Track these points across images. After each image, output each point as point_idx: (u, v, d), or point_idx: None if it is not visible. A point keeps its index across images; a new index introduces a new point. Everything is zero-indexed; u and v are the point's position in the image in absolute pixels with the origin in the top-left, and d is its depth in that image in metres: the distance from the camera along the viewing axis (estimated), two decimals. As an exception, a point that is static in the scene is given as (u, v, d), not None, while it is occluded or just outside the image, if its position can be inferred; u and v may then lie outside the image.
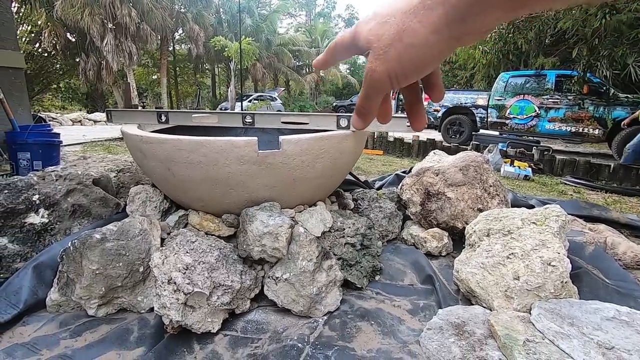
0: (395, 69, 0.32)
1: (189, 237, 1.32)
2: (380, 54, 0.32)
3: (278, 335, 1.22)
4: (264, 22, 21.69)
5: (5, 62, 3.41)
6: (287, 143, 1.34)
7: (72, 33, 15.11)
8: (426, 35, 0.30)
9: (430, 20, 0.29)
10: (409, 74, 0.33)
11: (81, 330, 1.21)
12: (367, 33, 0.33)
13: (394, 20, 0.31)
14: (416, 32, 0.30)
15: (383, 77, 0.33)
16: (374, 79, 0.34)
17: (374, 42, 0.33)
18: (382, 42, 0.32)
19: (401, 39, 0.31)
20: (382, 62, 0.32)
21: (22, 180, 1.49)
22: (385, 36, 0.32)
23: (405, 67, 0.32)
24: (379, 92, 0.35)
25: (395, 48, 0.31)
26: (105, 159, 3.22)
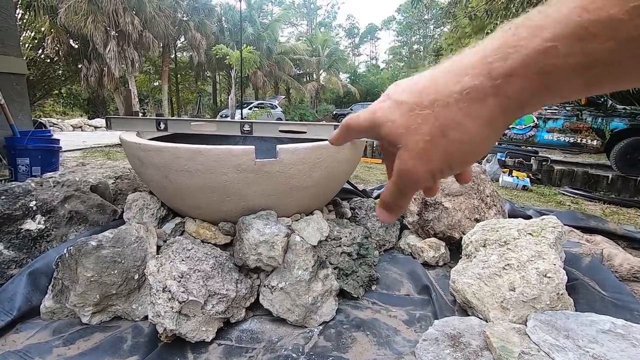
0: (441, 166, 0.28)
1: (185, 245, 1.32)
2: (419, 150, 0.28)
3: (273, 345, 1.22)
4: (266, 31, 21.91)
5: (7, 68, 3.44)
6: (284, 152, 1.35)
7: (75, 40, 15.26)
8: (478, 130, 0.26)
9: (481, 114, 0.26)
10: (457, 169, 0.29)
11: (74, 338, 1.21)
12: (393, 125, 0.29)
13: (431, 112, 0.27)
14: (465, 127, 0.26)
15: (424, 177, 0.29)
16: (413, 179, 0.29)
17: (404, 137, 0.28)
18: (418, 138, 0.27)
19: (445, 134, 0.27)
20: (423, 163, 0.28)
21: (20, 186, 1.49)
22: (422, 131, 0.27)
23: (453, 163, 0.28)
24: (418, 188, 0.31)
25: (439, 146, 0.27)
26: (104, 165, 3.23)
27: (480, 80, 0.25)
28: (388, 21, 43.75)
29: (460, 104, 0.26)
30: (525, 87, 0.24)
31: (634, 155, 5.94)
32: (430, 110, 0.27)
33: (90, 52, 15.02)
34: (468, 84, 0.26)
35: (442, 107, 0.27)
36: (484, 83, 0.25)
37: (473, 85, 0.25)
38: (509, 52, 0.24)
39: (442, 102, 0.27)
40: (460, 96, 0.26)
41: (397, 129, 0.29)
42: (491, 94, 0.25)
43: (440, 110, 0.27)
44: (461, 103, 0.26)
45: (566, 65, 0.22)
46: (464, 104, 0.26)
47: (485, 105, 0.25)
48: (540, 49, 0.23)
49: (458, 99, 0.26)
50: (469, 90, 0.26)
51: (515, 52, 0.24)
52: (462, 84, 0.26)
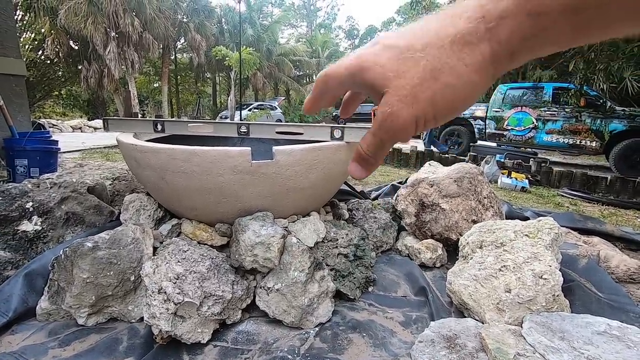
0: (426, 111, 0.27)
1: (181, 246, 1.32)
2: (406, 93, 0.26)
3: (268, 346, 1.21)
4: (265, 33, 21.94)
5: (6, 70, 3.45)
6: (281, 153, 1.35)
7: (75, 41, 15.27)
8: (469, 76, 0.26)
9: (474, 60, 0.25)
10: (443, 116, 0.28)
11: (70, 339, 1.20)
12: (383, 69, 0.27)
13: (422, 55, 0.26)
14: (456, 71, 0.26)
15: (409, 122, 0.27)
16: (396, 124, 0.28)
17: (394, 80, 0.27)
18: (407, 81, 0.26)
19: (436, 77, 0.26)
20: (407, 105, 0.27)
21: (16, 188, 1.49)
22: (411, 74, 0.26)
23: (439, 109, 0.27)
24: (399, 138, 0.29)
25: (428, 89, 0.26)
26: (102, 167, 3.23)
27: (475, 23, 0.25)
28: (388, 22, 43.80)
29: (454, 46, 0.26)
30: (516, 30, 0.24)
31: (633, 156, 5.95)
32: (422, 53, 0.26)
33: (90, 54, 15.04)
34: (463, 27, 0.25)
35: (435, 49, 0.26)
36: (479, 26, 0.25)
37: (468, 28, 0.25)
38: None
39: (436, 45, 0.26)
40: (454, 39, 0.26)
41: (385, 73, 0.27)
42: (484, 38, 0.25)
43: (433, 52, 0.26)
44: (455, 46, 0.26)
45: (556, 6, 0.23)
46: (457, 46, 0.26)
47: (478, 50, 0.25)
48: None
49: (452, 42, 0.26)
50: (464, 33, 0.25)
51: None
52: (457, 28, 0.26)
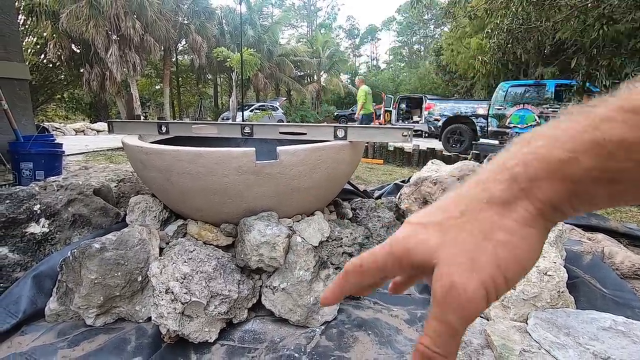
0: (493, 276, 0.24)
1: (187, 246, 1.33)
2: (464, 260, 0.24)
3: (275, 345, 1.22)
4: (266, 33, 21.96)
5: (10, 74, 3.48)
6: (285, 154, 1.36)
7: (76, 44, 15.34)
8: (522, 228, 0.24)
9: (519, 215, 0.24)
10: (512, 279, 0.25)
11: (79, 339, 1.22)
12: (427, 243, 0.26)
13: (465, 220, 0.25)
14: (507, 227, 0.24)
15: (477, 291, 0.24)
16: (463, 297, 0.24)
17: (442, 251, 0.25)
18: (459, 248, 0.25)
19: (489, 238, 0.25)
20: (468, 272, 0.24)
21: (24, 190, 1.51)
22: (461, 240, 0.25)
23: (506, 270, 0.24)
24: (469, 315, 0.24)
25: (484, 251, 0.24)
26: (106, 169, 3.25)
27: (507, 185, 0.25)
28: (388, 22, 43.78)
29: (493, 207, 0.25)
30: (552, 193, 0.24)
31: (636, 153, 5.92)
32: (464, 219, 0.25)
33: (92, 57, 15.09)
34: (496, 189, 0.25)
35: (476, 213, 0.25)
36: (511, 186, 0.25)
37: (502, 190, 0.25)
38: (529, 157, 0.24)
39: (475, 209, 0.25)
40: (492, 201, 0.25)
41: (430, 247, 0.26)
42: (523, 197, 0.24)
43: (475, 216, 0.25)
44: (494, 207, 0.25)
45: (591, 177, 0.22)
46: (497, 207, 0.25)
47: (520, 207, 0.24)
48: (563, 157, 0.23)
49: (491, 204, 0.25)
50: (500, 195, 0.25)
51: (536, 158, 0.24)
52: (490, 191, 0.25)
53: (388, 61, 44.19)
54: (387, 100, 12.27)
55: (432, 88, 22.39)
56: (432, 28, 34.32)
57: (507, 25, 7.21)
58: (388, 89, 26.19)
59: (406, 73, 32.61)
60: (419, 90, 23.35)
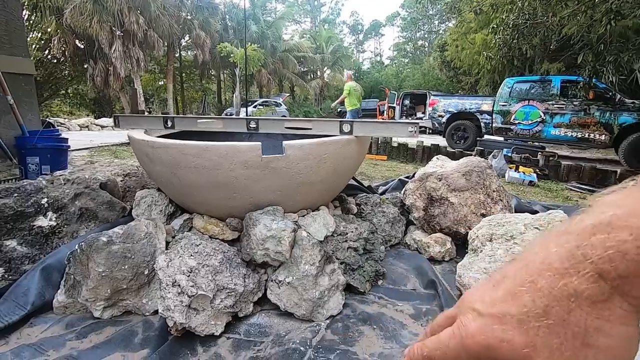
0: None
1: (194, 240, 1.33)
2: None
3: (280, 338, 1.23)
4: (269, 29, 21.90)
5: (15, 69, 3.49)
6: (291, 148, 1.36)
7: (80, 40, 15.37)
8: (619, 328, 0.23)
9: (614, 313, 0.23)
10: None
11: (87, 331, 1.23)
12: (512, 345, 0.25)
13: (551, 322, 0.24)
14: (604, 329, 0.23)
15: None
16: None
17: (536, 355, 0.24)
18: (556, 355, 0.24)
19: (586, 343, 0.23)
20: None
21: (31, 184, 1.52)
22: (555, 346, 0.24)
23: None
24: None
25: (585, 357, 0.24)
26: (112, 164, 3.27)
27: (593, 281, 0.23)
28: (392, 17, 43.49)
29: (583, 307, 0.23)
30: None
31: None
32: (551, 320, 0.24)
33: (96, 52, 15.13)
34: (581, 286, 0.23)
35: (565, 313, 0.24)
36: (600, 284, 0.23)
37: (589, 287, 0.23)
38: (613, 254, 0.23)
39: (562, 307, 0.24)
40: (580, 300, 0.23)
41: (518, 350, 0.24)
42: (613, 294, 0.23)
43: (564, 316, 0.24)
44: (585, 307, 0.23)
45: None
46: (587, 307, 0.23)
47: (614, 305, 0.23)
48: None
49: (580, 303, 0.23)
50: (588, 293, 0.23)
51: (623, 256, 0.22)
52: (573, 286, 0.24)
53: (392, 57, 43.95)
54: (390, 96, 12.22)
55: (436, 84, 22.27)
56: (436, 24, 34.05)
57: (513, 21, 7.14)
58: (392, 85, 26.05)
59: (410, 69, 32.41)
60: (423, 86, 23.23)
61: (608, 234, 0.23)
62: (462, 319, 0.28)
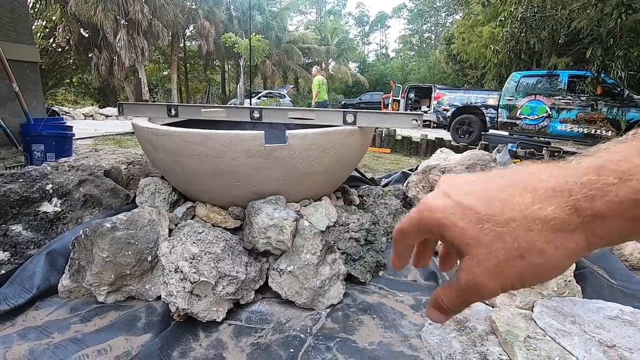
0: (513, 283, 0.27)
1: (196, 228, 1.35)
2: (491, 267, 0.26)
3: (281, 326, 1.25)
4: (274, 19, 21.72)
5: (20, 56, 3.49)
6: (294, 137, 1.36)
7: (85, 29, 15.34)
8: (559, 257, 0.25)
9: (566, 245, 0.25)
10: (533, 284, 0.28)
11: (91, 315, 1.25)
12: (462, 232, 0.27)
13: (507, 231, 0.26)
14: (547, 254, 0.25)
15: (495, 291, 0.27)
16: (482, 292, 0.28)
17: (475, 248, 0.27)
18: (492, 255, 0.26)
19: (523, 257, 0.26)
20: (493, 278, 0.27)
21: (37, 170, 1.53)
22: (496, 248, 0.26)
23: (526, 282, 0.27)
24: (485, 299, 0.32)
25: (514, 265, 0.26)
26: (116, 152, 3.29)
27: (567, 213, 0.25)
28: (399, 9, 42.98)
29: (544, 232, 0.25)
30: (616, 230, 0.24)
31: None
32: (507, 229, 0.26)
33: (101, 41, 15.10)
34: (553, 214, 0.25)
35: (522, 230, 0.26)
36: (572, 217, 0.25)
37: (559, 217, 0.25)
38: (595, 193, 0.24)
39: (523, 226, 0.26)
40: (544, 225, 0.25)
41: (465, 238, 0.27)
42: (579, 228, 0.25)
43: (519, 232, 0.26)
44: (545, 232, 0.25)
45: None
46: (547, 232, 0.25)
47: (571, 238, 0.25)
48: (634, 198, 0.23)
49: (542, 228, 0.25)
50: (556, 222, 0.25)
51: (604, 196, 0.24)
52: (546, 212, 0.25)
53: (397, 49, 43.51)
54: (395, 89, 12.12)
55: (441, 78, 22.06)
56: (443, 16, 33.61)
57: (522, 14, 7.03)
58: (397, 78, 25.84)
59: (415, 62, 32.10)
60: (428, 79, 23.02)
61: (598, 176, 0.24)
62: (431, 194, 0.31)
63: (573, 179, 0.25)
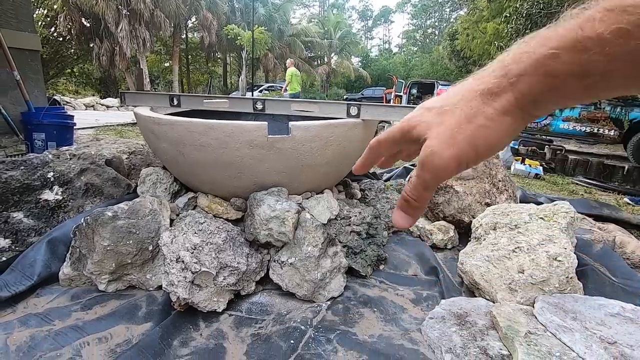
0: (466, 151, 0.30)
1: (198, 218, 1.34)
2: (446, 136, 0.30)
3: (282, 317, 1.25)
4: (277, 12, 21.55)
5: (21, 44, 3.47)
6: (297, 129, 1.35)
7: (87, 18, 15.21)
8: (499, 116, 0.29)
9: (501, 104, 0.29)
10: (482, 155, 0.31)
11: (92, 304, 1.25)
12: (427, 123, 0.32)
13: (457, 107, 0.31)
14: (487, 114, 0.30)
15: (450, 162, 0.30)
16: (438, 164, 0.30)
17: (434, 128, 0.31)
18: (446, 127, 0.30)
19: (470, 121, 0.30)
20: (448, 146, 0.30)
21: (38, 158, 1.53)
22: (449, 121, 0.30)
23: (478, 148, 0.30)
24: (442, 179, 0.31)
25: (464, 130, 0.30)
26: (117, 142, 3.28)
27: (500, 79, 0.30)
28: (403, 3, 42.60)
29: (483, 97, 0.30)
30: (534, 85, 0.28)
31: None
32: (457, 106, 0.31)
33: (102, 31, 14.99)
34: (489, 81, 0.30)
35: (467, 101, 0.31)
36: (502, 80, 0.29)
37: (493, 82, 0.30)
38: (522, 57, 0.28)
39: (468, 97, 0.31)
40: (483, 92, 0.30)
41: (428, 125, 0.32)
42: (508, 89, 0.29)
43: (466, 103, 0.31)
44: (483, 97, 0.30)
45: (567, 70, 0.26)
46: (486, 97, 0.30)
47: (504, 97, 0.29)
48: (547, 54, 0.27)
49: (482, 94, 0.30)
50: (491, 87, 0.30)
51: (527, 57, 0.28)
52: (485, 83, 0.30)
53: (400, 45, 43.21)
54: (398, 84, 12.06)
55: (444, 74, 21.94)
56: (447, 11, 33.30)
57: (527, 10, 6.98)
58: (399, 73, 25.71)
59: (419, 58, 31.89)
60: (431, 75, 22.90)
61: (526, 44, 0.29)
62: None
63: (507, 54, 0.30)
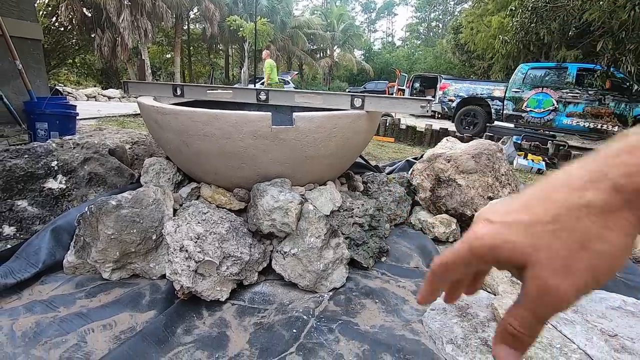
0: (586, 280, 0.26)
1: (201, 208, 1.35)
2: (559, 265, 0.26)
3: (284, 307, 1.26)
4: (280, 3, 21.36)
5: (23, 33, 3.45)
6: (301, 120, 1.35)
7: (88, 8, 15.11)
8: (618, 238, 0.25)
9: (619, 224, 0.25)
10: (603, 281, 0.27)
11: (96, 291, 1.26)
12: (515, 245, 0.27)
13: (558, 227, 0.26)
14: (605, 238, 0.25)
15: (570, 294, 0.26)
16: (556, 297, 0.27)
17: (534, 255, 0.27)
18: (553, 254, 0.26)
19: (585, 247, 0.26)
20: (563, 277, 0.26)
21: (42, 146, 1.53)
22: (556, 247, 0.26)
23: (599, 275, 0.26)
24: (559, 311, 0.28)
25: (580, 259, 0.26)
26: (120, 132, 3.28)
27: (608, 194, 0.25)
28: (407, -4, 42.13)
29: (592, 217, 0.25)
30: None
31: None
32: (558, 226, 0.26)
33: (104, 22, 14.90)
34: (594, 197, 0.25)
35: (572, 222, 0.26)
36: (614, 197, 0.25)
37: (602, 199, 0.25)
38: (632, 170, 0.24)
39: (571, 216, 0.26)
40: (590, 210, 0.25)
41: (521, 250, 0.27)
42: (624, 207, 0.25)
43: (570, 224, 0.26)
44: (593, 216, 0.25)
45: None
46: (596, 217, 0.25)
47: (621, 217, 0.25)
48: None
49: (589, 213, 0.25)
50: (600, 204, 0.25)
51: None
52: (588, 198, 0.26)
53: (404, 38, 42.85)
54: (401, 78, 11.99)
55: (448, 68, 21.77)
56: (452, 4, 32.96)
57: (533, 3, 6.89)
58: (403, 67, 25.52)
59: (422, 51, 31.64)
60: (434, 69, 22.73)
61: (631, 154, 0.25)
62: (473, 227, 0.30)
63: (603, 165, 0.26)
